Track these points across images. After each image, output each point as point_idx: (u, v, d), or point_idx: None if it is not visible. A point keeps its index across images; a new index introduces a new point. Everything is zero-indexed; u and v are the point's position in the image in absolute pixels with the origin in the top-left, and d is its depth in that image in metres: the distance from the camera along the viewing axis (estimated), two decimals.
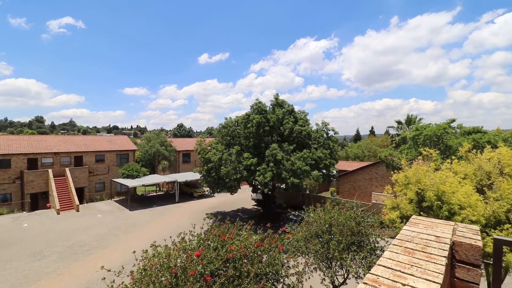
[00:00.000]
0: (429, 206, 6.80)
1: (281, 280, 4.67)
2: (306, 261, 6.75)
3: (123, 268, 4.98)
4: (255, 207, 28.47)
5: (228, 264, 4.47)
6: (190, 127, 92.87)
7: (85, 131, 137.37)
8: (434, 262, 1.16)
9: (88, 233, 20.46)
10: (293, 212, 21.34)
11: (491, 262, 1.51)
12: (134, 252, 5.40)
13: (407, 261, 1.17)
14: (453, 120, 15.82)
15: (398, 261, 1.18)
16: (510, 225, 6.56)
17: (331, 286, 7.02)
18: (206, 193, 34.39)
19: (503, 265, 6.79)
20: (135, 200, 31.78)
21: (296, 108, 23.29)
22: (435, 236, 1.47)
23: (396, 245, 1.36)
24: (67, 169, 29.99)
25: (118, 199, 32.77)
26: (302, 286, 4.77)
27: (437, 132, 14.22)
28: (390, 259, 1.20)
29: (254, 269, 4.21)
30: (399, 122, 36.04)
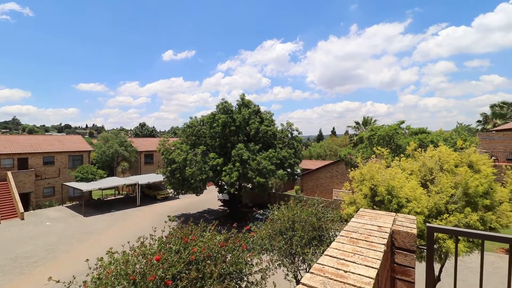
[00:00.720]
0: (381, 200, 7.41)
1: (245, 279, 4.70)
2: (270, 258, 6.90)
3: (74, 278, 4.59)
4: (222, 207, 28.23)
5: (191, 267, 4.38)
6: (154, 127, 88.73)
7: (32, 130, 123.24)
8: (374, 250, 1.27)
9: (35, 243, 18.45)
10: (259, 211, 21.61)
11: (425, 248, 1.70)
12: (87, 260, 5.01)
13: (351, 250, 1.27)
14: (403, 122, 17.41)
15: (343, 251, 1.27)
16: (448, 215, 7.42)
17: (294, 281, 7.26)
18: (171, 195, 33.17)
19: (443, 250, 7.66)
20: (91, 205, 29.44)
21: (263, 109, 23.64)
22: (378, 226, 1.61)
23: (343, 236, 1.47)
24: (9, 173, 26.71)
25: (70, 204, 30.06)
26: (266, 283, 4.86)
27: (389, 133, 15.52)
28: (336, 249, 1.29)
29: (217, 270, 4.18)
30: (357, 123, 38.58)
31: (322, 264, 1.13)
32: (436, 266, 8.99)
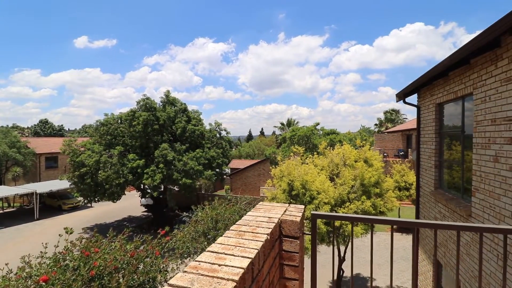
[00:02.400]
0: (296, 194, 8.13)
1: (159, 287, 4.40)
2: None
3: None
4: (145, 213, 25.99)
5: (93, 283, 3.82)
6: (61, 125, 75.22)
7: None
8: (257, 240, 1.32)
9: None
10: (187, 214, 20.81)
11: (310, 233, 1.88)
12: None
13: (234, 243, 1.29)
14: (318, 124, 19.61)
15: (226, 244, 1.28)
16: (349, 203, 8.66)
17: None
18: (81, 204, 28.70)
19: (346, 233, 8.87)
20: None
21: (194, 108, 22.88)
22: (269, 217, 1.70)
23: (233, 229, 1.49)
24: None
25: None
26: None
27: (306, 133, 17.22)
28: (221, 243, 1.29)
29: (124, 282, 3.77)
30: (282, 124, 41.45)
31: (198, 261, 1.10)
32: (342, 248, 10.39)
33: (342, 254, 10.12)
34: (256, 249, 1.22)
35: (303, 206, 1.98)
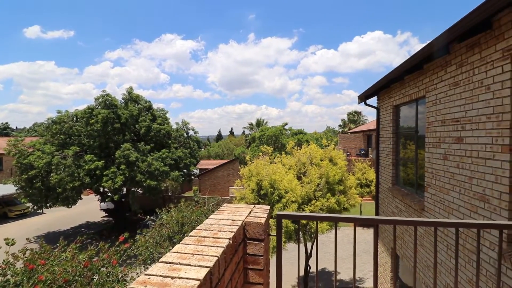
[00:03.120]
0: (265, 194, 8.15)
1: None
2: None
3: None
4: (105, 218, 24.25)
5: None
6: (6, 122, 67.26)
7: None
8: (217, 246, 1.22)
9: None
10: (152, 217, 19.84)
11: (275, 235, 1.82)
12: None
13: (192, 251, 1.18)
14: (286, 124, 20.01)
15: (183, 253, 1.16)
16: (315, 200, 8.91)
17: None
18: (30, 210, 25.89)
19: (312, 230, 9.11)
20: None
21: (160, 106, 21.85)
22: (232, 220, 1.61)
23: (192, 235, 1.37)
24: None
25: None
26: None
27: (275, 133, 17.44)
28: (177, 252, 1.17)
29: None
30: (251, 124, 41.59)
31: (148, 275, 0.97)
32: (308, 245, 10.67)
33: (309, 251, 10.39)
34: (216, 256, 1.12)
35: (268, 207, 1.92)
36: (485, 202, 3.14)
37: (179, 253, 1.16)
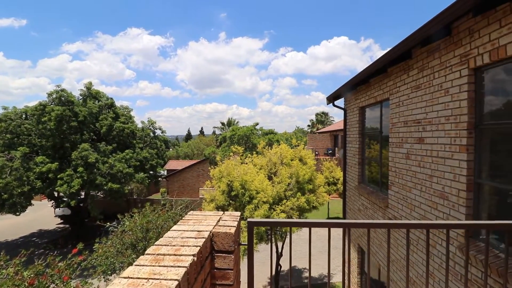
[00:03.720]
0: (236, 195, 7.99)
1: None
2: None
3: None
4: (61, 225, 22.17)
5: None
6: None
7: None
8: (179, 266, 1.05)
9: None
10: (111, 224, 18.56)
11: (246, 244, 1.67)
12: None
13: (147, 274, 0.99)
14: (257, 124, 20.03)
15: (136, 278, 0.97)
16: (286, 200, 8.96)
17: None
18: None
19: (283, 230, 9.15)
20: None
21: (125, 104, 20.49)
22: (198, 231, 1.44)
23: (149, 253, 1.17)
24: None
25: None
26: None
27: (246, 133, 17.34)
28: (128, 277, 0.97)
29: None
30: (222, 124, 41.06)
31: None
32: (279, 244, 10.73)
33: (280, 250, 10.43)
34: (176, 280, 0.95)
35: (239, 213, 1.77)
36: (444, 199, 3.32)
37: (131, 278, 0.96)
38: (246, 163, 9.87)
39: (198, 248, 1.22)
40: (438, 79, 3.46)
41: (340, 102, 8.33)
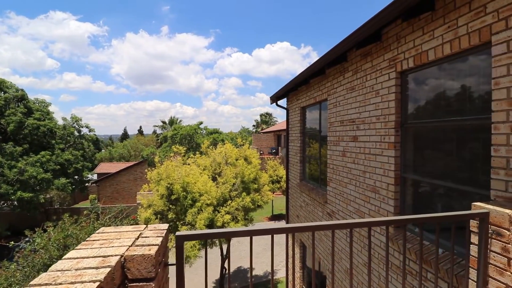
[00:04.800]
0: (176, 198, 7.42)
1: None
2: None
3: None
4: None
5: None
6: None
7: None
8: None
9: None
10: (27, 239, 15.52)
11: (175, 263, 1.38)
12: None
13: None
14: (201, 123, 19.31)
15: None
16: (231, 201, 8.75)
17: None
18: None
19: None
20: None
21: (44, 98, 17.22)
22: (103, 257, 1.09)
23: None
24: None
25: None
26: None
27: (189, 132, 16.53)
28: None
29: None
30: (164, 122, 38.59)
31: None
32: (224, 247, 10.46)
33: (224, 253, 10.16)
34: None
35: (166, 226, 1.46)
36: (376, 193, 3.56)
37: None
38: (189, 164, 9.32)
39: (98, 283, 0.88)
40: (370, 81, 3.68)
41: (283, 102, 8.51)
